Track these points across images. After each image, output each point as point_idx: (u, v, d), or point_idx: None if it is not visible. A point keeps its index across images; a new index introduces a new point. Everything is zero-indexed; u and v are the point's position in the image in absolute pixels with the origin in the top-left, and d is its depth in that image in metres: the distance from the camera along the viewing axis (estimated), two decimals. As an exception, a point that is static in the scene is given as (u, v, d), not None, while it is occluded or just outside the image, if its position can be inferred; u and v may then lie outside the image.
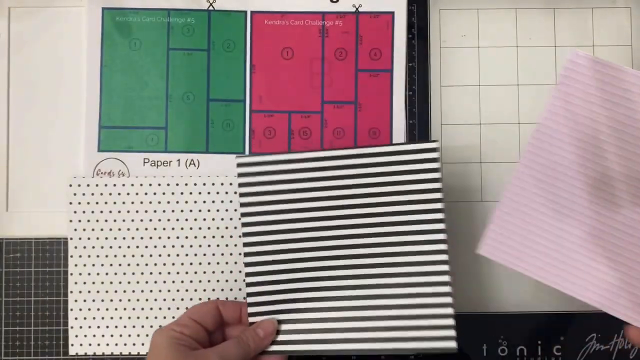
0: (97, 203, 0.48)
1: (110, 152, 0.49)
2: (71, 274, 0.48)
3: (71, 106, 0.50)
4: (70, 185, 0.48)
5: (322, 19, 0.49)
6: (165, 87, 0.49)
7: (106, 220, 0.48)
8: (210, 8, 0.49)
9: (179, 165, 0.49)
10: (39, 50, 0.50)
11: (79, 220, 0.48)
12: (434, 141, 0.42)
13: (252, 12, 0.49)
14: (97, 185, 0.48)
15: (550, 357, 0.48)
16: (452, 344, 0.40)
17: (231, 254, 0.48)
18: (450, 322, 0.41)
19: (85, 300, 0.48)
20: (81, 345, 0.48)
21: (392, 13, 0.49)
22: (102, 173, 0.49)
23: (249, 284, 0.43)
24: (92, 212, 0.48)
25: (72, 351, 0.48)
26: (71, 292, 0.48)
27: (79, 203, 0.48)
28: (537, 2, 0.50)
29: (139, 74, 0.49)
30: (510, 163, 0.48)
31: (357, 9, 0.49)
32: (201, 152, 0.49)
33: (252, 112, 0.49)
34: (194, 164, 0.49)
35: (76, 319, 0.48)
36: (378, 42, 0.49)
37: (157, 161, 0.49)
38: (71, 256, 0.48)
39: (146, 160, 0.49)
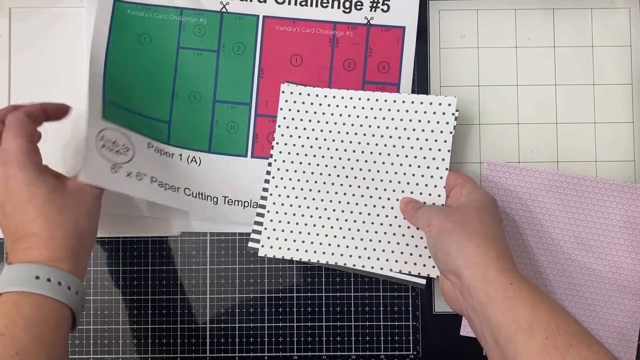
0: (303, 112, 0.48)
1: (116, 123, 0.46)
2: (273, 178, 0.48)
3: (72, 106, 0.50)
4: (283, 92, 0.48)
5: (334, 28, 0.49)
6: (172, 84, 0.49)
7: (307, 129, 0.48)
8: (223, 10, 0.49)
9: (180, 159, 0.49)
10: (39, 50, 0.50)
11: (287, 127, 0.48)
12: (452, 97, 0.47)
13: (264, 17, 0.49)
14: (308, 94, 0.48)
15: (549, 356, 0.48)
16: (422, 282, 0.46)
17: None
18: (434, 270, 0.45)
19: (282, 204, 0.47)
20: (271, 247, 0.47)
21: (403, 28, 0.49)
22: (106, 140, 0.45)
23: (269, 182, 0.48)
24: (293, 118, 0.48)
25: (261, 252, 0.47)
26: (271, 194, 0.47)
27: (289, 110, 0.48)
28: (536, 2, 0.50)
29: (146, 69, 0.48)
30: (510, 163, 0.48)
31: (368, 21, 0.49)
32: (203, 151, 0.49)
33: (257, 116, 0.49)
34: (195, 161, 0.49)
35: (271, 220, 0.47)
36: (387, 56, 0.49)
37: (161, 150, 0.48)
38: (275, 160, 0.48)
39: (150, 145, 0.48)
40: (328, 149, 0.48)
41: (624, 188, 0.47)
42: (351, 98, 0.48)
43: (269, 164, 0.48)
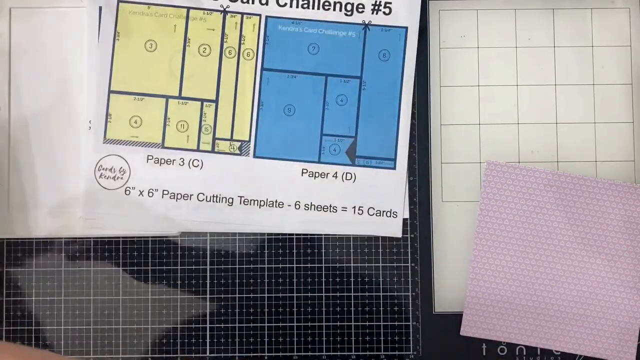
0: None
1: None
2: None
3: (73, 106, 0.50)
4: None
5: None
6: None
7: None
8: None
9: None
10: (40, 51, 0.50)
11: None
12: None
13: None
14: None
15: (549, 357, 0.48)
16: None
17: None
18: None
19: None
20: None
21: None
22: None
23: None
24: None
25: None
26: None
27: None
28: (537, 2, 0.50)
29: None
30: (510, 163, 0.48)
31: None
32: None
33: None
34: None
35: None
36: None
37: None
38: None
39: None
40: None
41: (624, 188, 0.47)
42: None
43: None
